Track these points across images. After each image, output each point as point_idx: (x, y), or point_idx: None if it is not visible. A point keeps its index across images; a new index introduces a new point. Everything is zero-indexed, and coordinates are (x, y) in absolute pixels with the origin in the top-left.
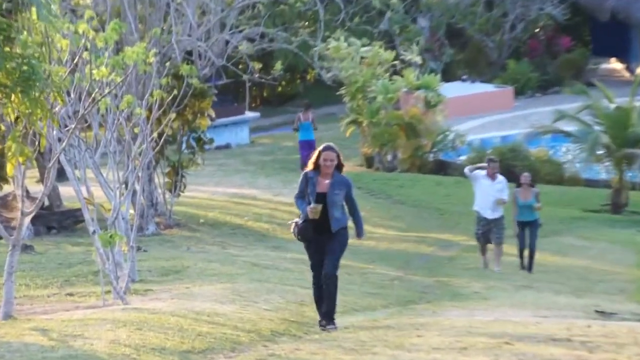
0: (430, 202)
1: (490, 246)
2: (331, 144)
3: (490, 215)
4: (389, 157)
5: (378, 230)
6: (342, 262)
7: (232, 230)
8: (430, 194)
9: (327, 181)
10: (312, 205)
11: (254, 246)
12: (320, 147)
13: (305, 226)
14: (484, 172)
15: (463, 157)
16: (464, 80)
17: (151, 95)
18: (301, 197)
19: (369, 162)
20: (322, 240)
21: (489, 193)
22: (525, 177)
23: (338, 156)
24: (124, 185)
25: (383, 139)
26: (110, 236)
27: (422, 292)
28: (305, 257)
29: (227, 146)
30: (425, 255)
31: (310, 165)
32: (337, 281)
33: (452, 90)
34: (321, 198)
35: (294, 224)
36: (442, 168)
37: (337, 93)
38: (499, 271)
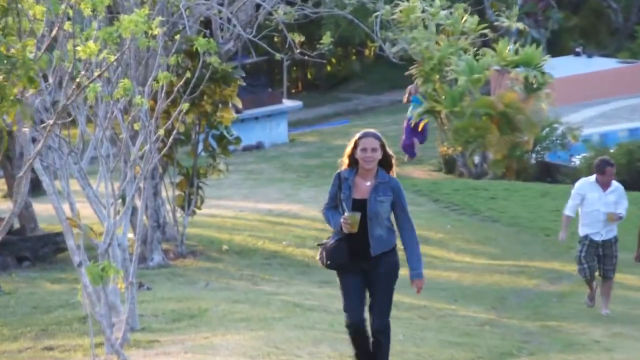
0: (532, 219)
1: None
2: (373, 130)
3: (600, 237)
4: (477, 159)
5: (462, 257)
6: (413, 301)
7: (266, 260)
8: (533, 208)
9: (367, 183)
10: (346, 214)
11: (295, 281)
12: (358, 134)
13: (338, 246)
14: (592, 178)
15: (577, 159)
16: (577, 54)
17: (156, 79)
18: (332, 206)
19: (449, 165)
20: (361, 267)
21: (598, 208)
22: None
23: (383, 146)
24: (120, 201)
25: (468, 134)
26: (103, 269)
27: (522, 341)
28: None
29: (258, 146)
30: (526, 291)
31: (344, 161)
32: (390, 332)
33: (562, 67)
34: (359, 206)
35: (321, 247)
36: (548, 173)
37: (406, 73)
38: (608, 314)
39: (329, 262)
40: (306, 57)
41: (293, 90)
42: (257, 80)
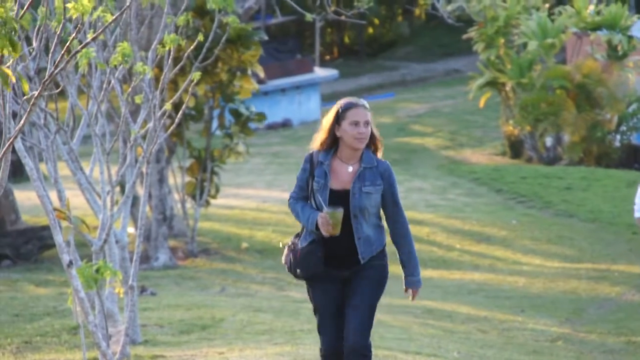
0: (616, 214)
1: None
2: (359, 98)
3: None
4: (549, 141)
5: (530, 260)
6: (472, 311)
7: None
8: (617, 201)
9: (349, 168)
10: (325, 210)
11: None
12: (341, 102)
13: (312, 251)
14: None
15: None
16: None
17: (161, 43)
18: (302, 197)
19: (516, 148)
20: (341, 276)
21: None
22: None
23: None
24: (118, 189)
25: (538, 111)
26: (97, 271)
27: None
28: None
29: (285, 124)
30: (608, 301)
31: (318, 140)
32: (371, 356)
33: None
34: (339, 199)
35: (288, 247)
36: (635, 158)
37: (464, 37)
38: None
39: (298, 272)
40: (343, 18)
41: (327, 57)
42: (283, 44)
